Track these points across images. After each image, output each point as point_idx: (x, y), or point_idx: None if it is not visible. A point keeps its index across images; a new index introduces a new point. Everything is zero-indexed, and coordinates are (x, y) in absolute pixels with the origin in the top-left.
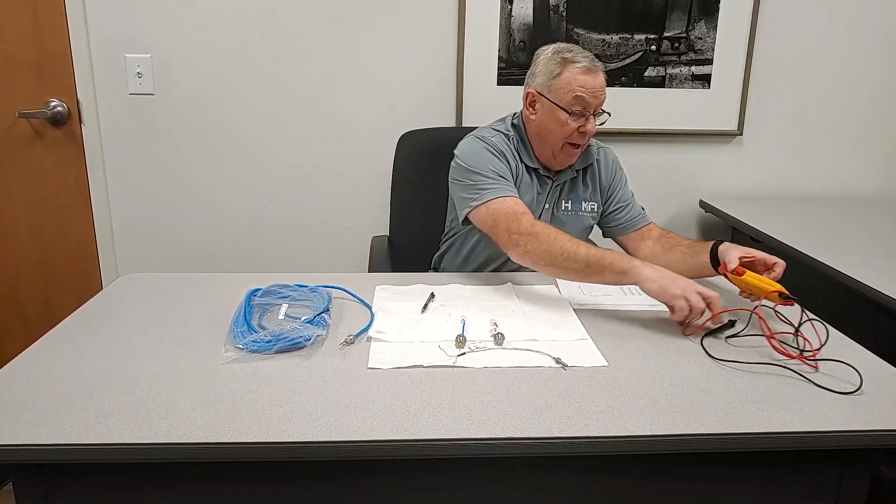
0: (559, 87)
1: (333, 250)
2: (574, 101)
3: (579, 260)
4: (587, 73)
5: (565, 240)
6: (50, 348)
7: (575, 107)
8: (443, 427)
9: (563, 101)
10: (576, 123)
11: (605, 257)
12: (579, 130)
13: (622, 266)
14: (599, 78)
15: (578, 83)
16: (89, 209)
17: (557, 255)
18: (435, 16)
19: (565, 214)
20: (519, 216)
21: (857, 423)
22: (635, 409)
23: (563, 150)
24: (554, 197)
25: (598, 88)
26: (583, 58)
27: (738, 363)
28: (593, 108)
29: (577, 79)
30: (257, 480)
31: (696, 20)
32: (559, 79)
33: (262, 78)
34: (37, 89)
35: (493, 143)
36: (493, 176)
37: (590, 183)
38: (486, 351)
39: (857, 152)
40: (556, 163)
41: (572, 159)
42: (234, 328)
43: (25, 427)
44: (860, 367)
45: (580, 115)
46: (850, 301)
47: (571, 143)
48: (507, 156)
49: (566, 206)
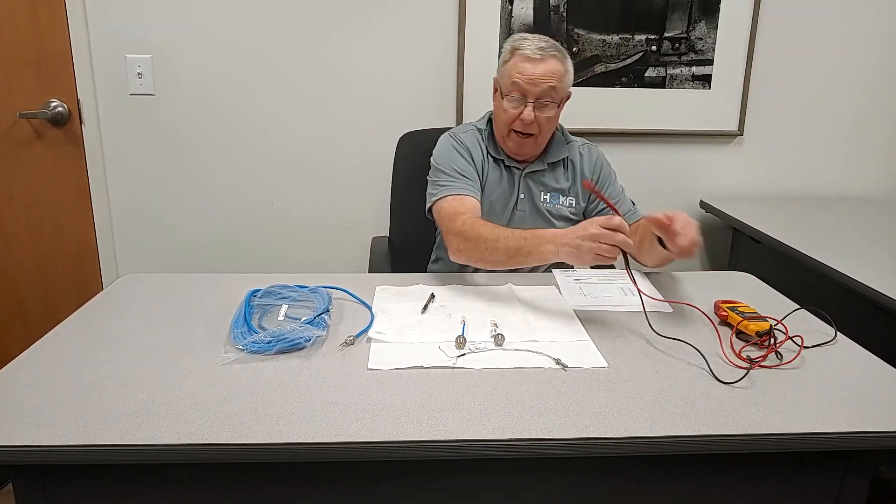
0: (504, 74)
1: (333, 251)
2: (511, 87)
3: (500, 252)
4: (528, 61)
5: (488, 234)
6: (50, 349)
7: (513, 92)
8: (442, 428)
9: (505, 87)
10: (515, 110)
11: (522, 247)
12: (520, 118)
13: (542, 252)
14: (544, 66)
15: (517, 70)
16: (89, 209)
17: (482, 250)
18: (435, 16)
19: (546, 207)
20: (456, 216)
21: (858, 425)
22: (635, 411)
23: (509, 137)
24: (527, 188)
25: (538, 76)
26: (530, 45)
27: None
28: (533, 97)
29: (517, 65)
30: (257, 481)
31: (696, 20)
32: (506, 66)
33: (263, 79)
34: (37, 89)
35: (462, 140)
36: (452, 173)
37: (570, 179)
38: (486, 352)
39: (857, 152)
40: (509, 151)
41: (521, 149)
42: (234, 329)
43: (25, 428)
44: (860, 368)
45: (520, 103)
46: (850, 301)
47: (515, 130)
48: (472, 151)
49: (545, 198)
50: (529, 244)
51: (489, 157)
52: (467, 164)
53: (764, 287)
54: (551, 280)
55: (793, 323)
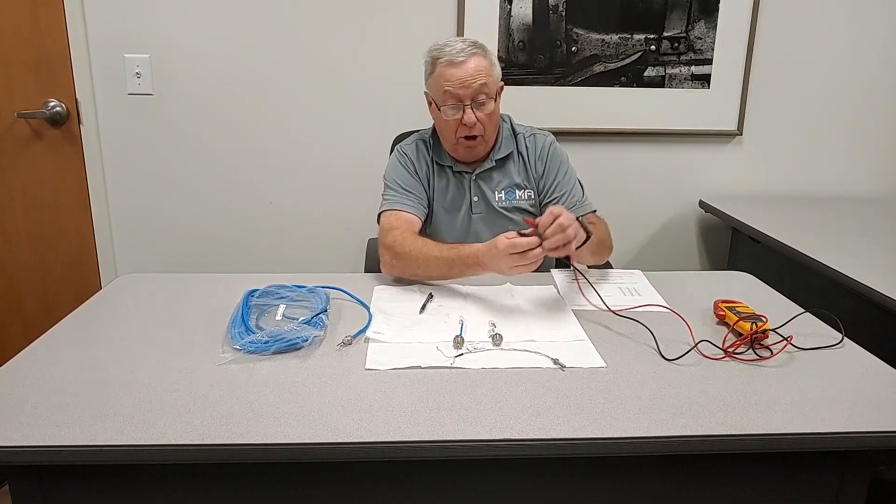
0: (433, 86)
1: (332, 251)
2: (445, 96)
3: (432, 268)
4: (452, 66)
5: (417, 253)
6: (47, 349)
7: (447, 101)
8: (440, 428)
9: (438, 98)
10: (455, 117)
11: (455, 260)
12: (462, 123)
13: (471, 266)
14: (469, 66)
15: (444, 78)
16: (88, 209)
17: (414, 267)
18: (434, 16)
19: (501, 205)
20: (389, 231)
21: (857, 425)
22: (633, 411)
23: (458, 145)
24: (479, 189)
25: (467, 78)
26: (450, 51)
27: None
28: (469, 99)
29: (443, 74)
30: (254, 482)
31: (695, 20)
32: (431, 77)
33: (261, 79)
34: (35, 89)
35: (406, 153)
36: (395, 188)
37: (521, 172)
38: (484, 352)
39: (856, 152)
40: (461, 157)
41: (472, 152)
42: (232, 329)
43: (22, 428)
44: (859, 368)
45: (458, 109)
46: (849, 301)
47: (463, 136)
48: (416, 163)
49: (500, 196)
50: (458, 269)
51: (434, 165)
52: (411, 178)
53: (763, 287)
54: (549, 280)
55: (798, 325)
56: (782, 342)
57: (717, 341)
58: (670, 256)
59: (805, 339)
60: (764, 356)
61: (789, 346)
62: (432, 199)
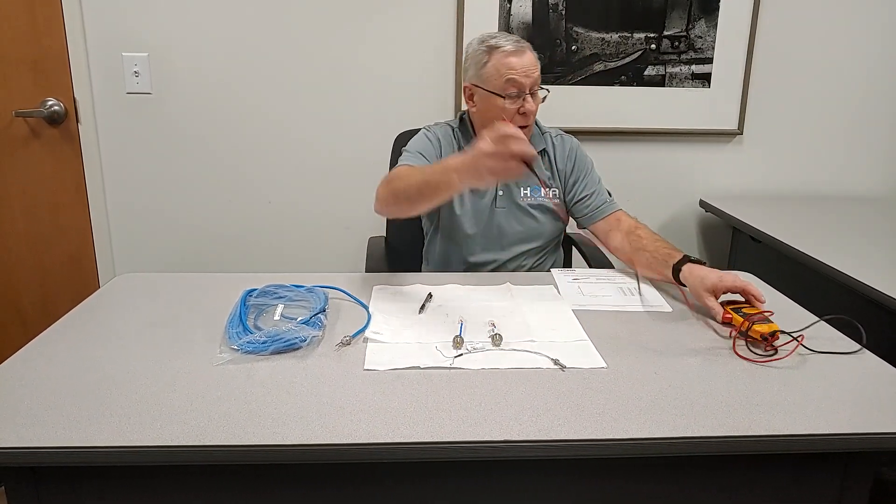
0: (489, 75)
1: (331, 250)
2: (507, 84)
3: (413, 188)
4: (514, 55)
5: (402, 172)
6: (44, 349)
7: (509, 90)
8: (440, 429)
9: (497, 87)
10: (514, 106)
11: (430, 180)
12: (519, 112)
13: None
14: (528, 57)
15: (507, 66)
16: (86, 208)
17: (397, 189)
18: (433, 14)
19: (527, 202)
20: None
21: (860, 426)
22: (634, 412)
23: None
24: (505, 184)
25: (529, 67)
26: (507, 41)
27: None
28: (528, 88)
29: (505, 62)
30: (251, 484)
31: (696, 19)
32: (488, 66)
33: (260, 77)
34: (33, 88)
35: (435, 134)
36: (414, 154)
37: (547, 169)
38: (484, 352)
39: (857, 151)
40: None
41: None
42: (230, 329)
43: (17, 429)
44: (861, 368)
45: (516, 97)
46: (850, 301)
47: (517, 126)
48: (442, 144)
49: (525, 193)
50: (437, 176)
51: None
52: (432, 150)
53: (765, 287)
54: (550, 280)
55: (793, 326)
56: (791, 343)
57: (721, 344)
58: None
59: (814, 342)
60: (776, 357)
61: (801, 349)
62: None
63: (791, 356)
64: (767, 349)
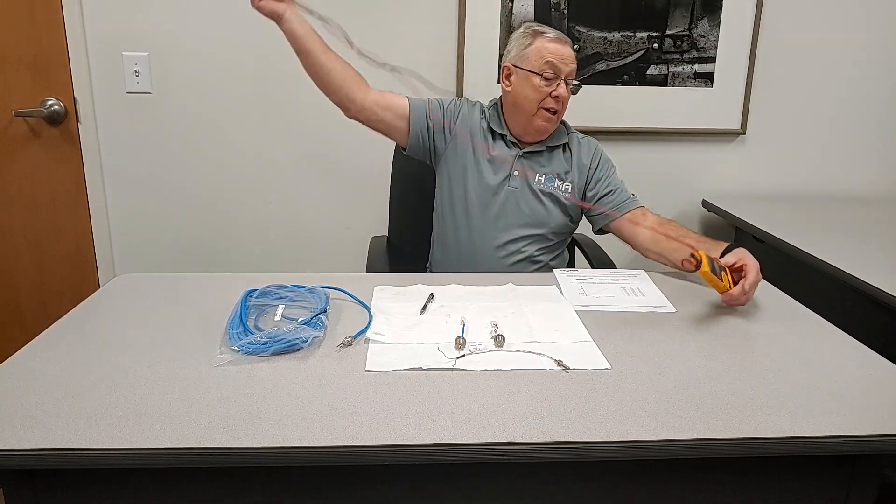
0: (531, 56)
1: (332, 251)
2: (545, 65)
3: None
4: (557, 42)
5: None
6: (42, 350)
7: (547, 71)
8: (442, 431)
9: (536, 67)
10: (549, 87)
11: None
12: (552, 95)
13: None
14: (568, 49)
15: (549, 50)
16: (86, 209)
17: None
18: (435, 13)
19: (539, 187)
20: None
21: (866, 428)
22: (639, 413)
23: (538, 115)
24: (521, 166)
25: (568, 57)
26: (551, 31)
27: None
28: (564, 75)
29: (547, 46)
30: (251, 486)
31: (698, 18)
32: (530, 48)
33: (261, 77)
34: (33, 88)
35: (462, 104)
36: (424, 97)
37: (567, 164)
38: (486, 353)
39: (861, 151)
40: (532, 130)
41: (548, 125)
42: (230, 329)
43: (15, 431)
44: (866, 369)
45: (553, 80)
46: (855, 302)
47: (546, 108)
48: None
49: (540, 179)
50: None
51: (489, 130)
52: (453, 107)
53: (769, 287)
54: (552, 280)
55: (806, 326)
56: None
57: (726, 345)
58: None
59: (806, 339)
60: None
61: (795, 350)
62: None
63: (790, 358)
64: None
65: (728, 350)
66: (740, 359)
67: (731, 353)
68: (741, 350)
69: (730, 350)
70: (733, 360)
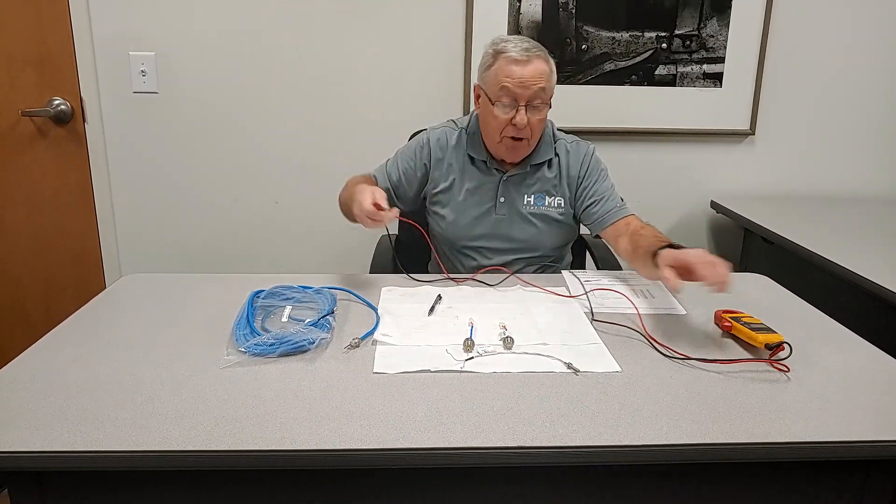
0: (490, 79)
1: (338, 251)
2: (501, 92)
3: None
4: (516, 64)
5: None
6: (48, 351)
7: (502, 98)
8: (450, 435)
9: (493, 93)
10: (506, 116)
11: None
12: (511, 122)
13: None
14: (532, 67)
15: (505, 74)
16: (92, 208)
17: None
18: (442, 14)
19: (529, 210)
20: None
21: (881, 433)
22: (650, 417)
23: (501, 143)
24: (507, 191)
25: (528, 79)
26: (515, 47)
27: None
28: (525, 100)
29: (504, 69)
30: (258, 489)
31: (707, 18)
32: (490, 70)
33: (267, 76)
34: (40, 87)
35: (434, 135)
36: (386, 164)
37: (556, 178)
38: (495, 355)
39: (870, 152)
40: (501, 156)
41: (515, 153)
42: (237, 331)
43: (21, 433)
44: (880, 373)
45: (511, 108)
46: (866, 304)
47: (509, 136)
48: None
49: (529, 201)
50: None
51: (467, 157)
52: (410, 162)
53: (779, 289)
54: (562, 282)
55: (813, 329)
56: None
57: (737, 348)
58: None
59: (818, 342)
60: (782, 369)
61: (808, 354)
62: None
63: (802, 360)
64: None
65: (739, 353)
66: (752, 362)
67: (743, 356)
68: (755, 353)
69: (741, 353)
70: (745, 364)
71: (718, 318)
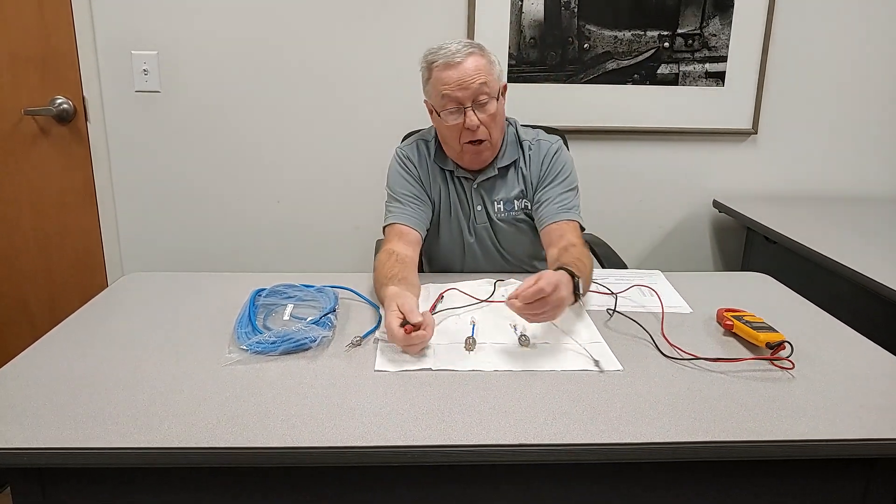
0: (431, 93)
1: (340, 250)
2: (443, 100)
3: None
4: (449, 68)
5: (379, 278)
6: (50, 348)
7: (448, 105)
8: (452, 433)
9: (437, 105)
10: (457, 122)
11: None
12: (466, 127)
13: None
14: (466, 66)
15: (442, 82)
16: (95, 207)
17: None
18: (444, 13)
19: (500, 217)
20: (383, 245)
21: (884, 432)
22: (652, 415)
23: (465, 151)
24: (480, 198)
25: (466, 78)
26: (443, 53)
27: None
28: (469, 100)
29: (440, 78)
30: (260, 486)
31: (710, 17)
32: (429, 84)
33: (269, 75)
34: (42, 86)
35: (406, 156)
36: (397, 196)
37: (521, 181)
38: (497, 354)
39: (873, 151)
40: (467, 164)
41: (479, 158)
42: (239, 329)
43: (24, 430)
44: (883, 371)
45: (459, 112)
46: (868, 302)
47: (468, 142)
48: (416, 165)
49: (498, 208)
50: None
51: (437, 169)
52: (410, 185)
53: (782, 288)
54: None
55: (816, 327)
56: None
57: (741, 347)
58: (683, 257)
59: (821, 341)
60: (785, 367)
61: (811, 353)
62: (437, 200)
63: (804, 359)
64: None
65: (743, 352)
66: (756, 361)
67: (747, 355)
68: (756, 352)
69: (745, 352)
70: (748, 362)
71: (720, 317)
